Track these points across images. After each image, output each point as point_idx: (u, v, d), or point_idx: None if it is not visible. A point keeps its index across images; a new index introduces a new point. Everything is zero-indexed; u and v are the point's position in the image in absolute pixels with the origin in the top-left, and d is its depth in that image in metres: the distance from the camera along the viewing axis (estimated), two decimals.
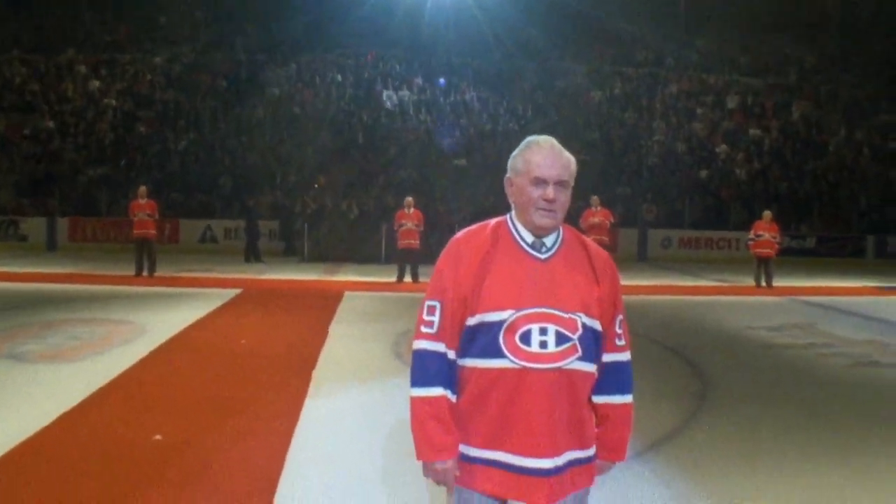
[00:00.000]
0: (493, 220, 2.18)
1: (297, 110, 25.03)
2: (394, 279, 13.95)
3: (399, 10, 27.42)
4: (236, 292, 11.60)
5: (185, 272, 14.66)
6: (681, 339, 8.65)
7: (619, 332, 2.17)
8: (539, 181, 2.06)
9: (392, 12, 27.31)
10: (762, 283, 14.31)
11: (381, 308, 10.72)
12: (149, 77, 25.79)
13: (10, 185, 21.71)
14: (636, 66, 29.64)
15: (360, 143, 23.74)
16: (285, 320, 9.32)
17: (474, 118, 25.85)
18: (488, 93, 27.11)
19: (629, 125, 26.60)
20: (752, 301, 12.84)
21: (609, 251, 2.49)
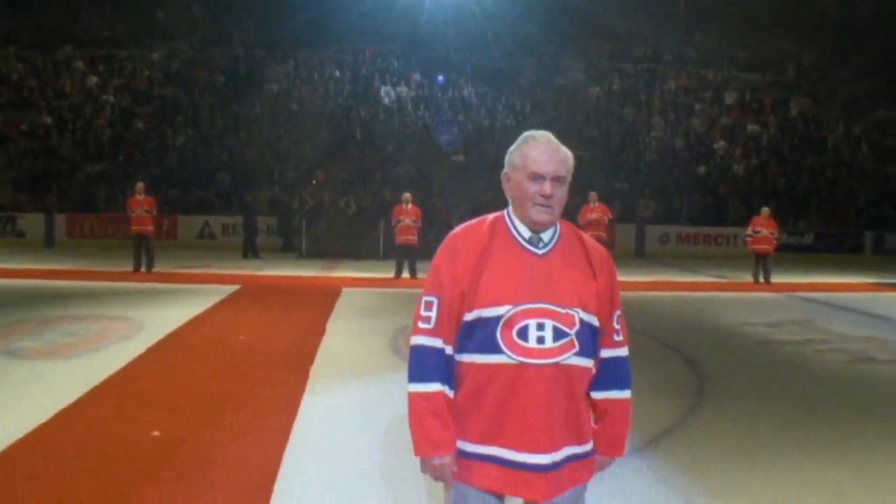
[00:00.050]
0: (491, 216, 2.17)
1: (295, 106, 25.00)
2: (392, 275, 13.96)
3: (397, 6, 27.39)
4: (234, 288, 11.59)
5: (183, 268, 14.62)
6: (679, 335, 8.66)
7: (616, 327, 2.17)
8: (536, 176, 2.06)
9: (390, 8, 27.28)
10: (760, 280, 14.35)
11: (378, 304, 10.72)
12: (147, 73, 25.73)
13: (8, 182, 21.68)
14: (634, 62, 29.60)
15: (358, 139, 23.73)
16: (283, 316, 9.31)
17: (472, 114, 25.83)
18: (486, 89, 27.09)
19: (627, 121, 26.58)
20: (749, 297, 12.86)
21: (607, 247, 2.48)
